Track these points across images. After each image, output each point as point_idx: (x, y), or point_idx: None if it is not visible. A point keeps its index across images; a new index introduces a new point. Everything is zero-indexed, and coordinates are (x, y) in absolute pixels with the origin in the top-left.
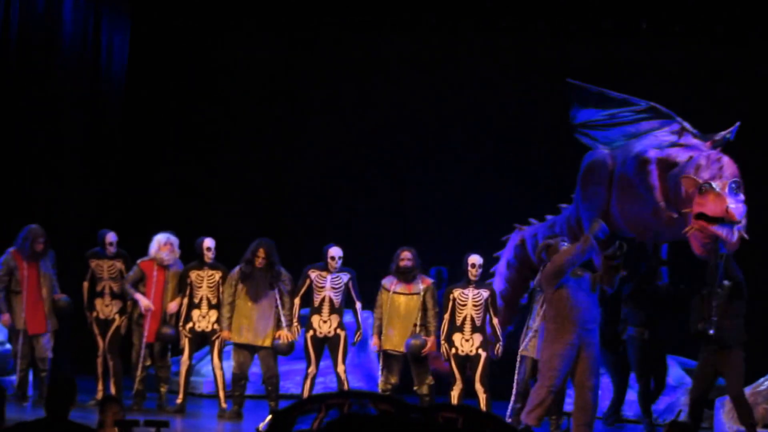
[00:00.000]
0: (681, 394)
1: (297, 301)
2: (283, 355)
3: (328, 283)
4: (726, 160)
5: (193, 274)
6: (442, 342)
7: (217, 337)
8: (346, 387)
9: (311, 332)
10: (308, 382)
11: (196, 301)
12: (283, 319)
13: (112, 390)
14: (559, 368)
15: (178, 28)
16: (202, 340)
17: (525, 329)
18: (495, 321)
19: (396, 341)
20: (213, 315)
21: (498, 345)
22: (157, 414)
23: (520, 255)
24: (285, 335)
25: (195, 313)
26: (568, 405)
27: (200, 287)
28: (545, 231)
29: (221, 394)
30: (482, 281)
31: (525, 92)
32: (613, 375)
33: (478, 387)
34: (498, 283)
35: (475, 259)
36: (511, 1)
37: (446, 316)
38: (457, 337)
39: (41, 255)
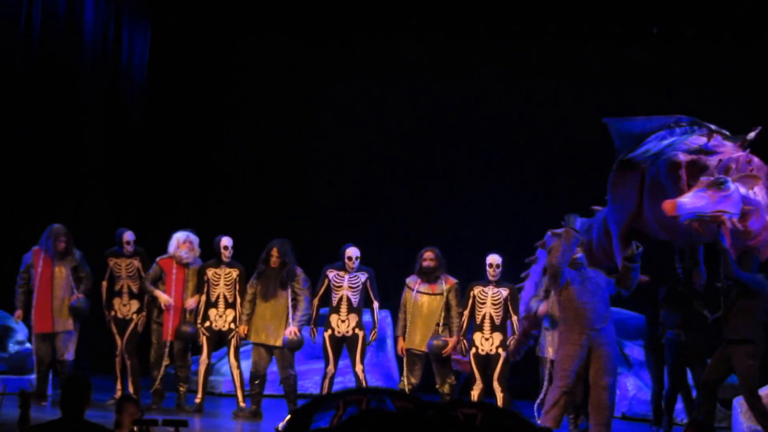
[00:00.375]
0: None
1: (315, 301)
2: (295, 350)
3: (346, 283)
4: (756, 162)
5: (210, 272)
6: (462, 339)
7: (233, 336)
8: (364, 386)
9: (329, 331)
10: (327, 381)
11: (213, 299)
12: (290, 318)
13: (131, 389)
14: (570, 369)
15: (197, 29)
16: (219, 339)
17: (541, 330)
18: (514, 318)
19: (418, 341)
20: (230, 314)
21: (511, 340)
22: (176, 413)
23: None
24: (291, 331)
25: (212, 312)
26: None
27: (217, 285)
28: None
29: (239, 393)
30: (502, 280)
31: (540, 95)
32: (654, 380)
33: (496, 386)
34: (529, 288)
35: (493, 258)
36: (523, 6)
37: (466, 313)
38: (477, 336)
39: (64, 254)
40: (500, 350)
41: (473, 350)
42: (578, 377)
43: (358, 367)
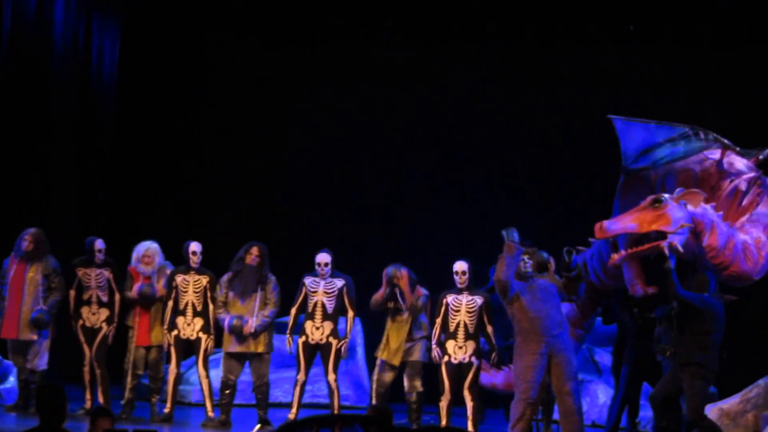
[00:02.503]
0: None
1: (293, 310)
2: (234, 333)
3: (321, 288)
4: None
5: (179, 279)
6: (434, 346)
7: (206, 348)
8: (336, 396)
9: (303, 338)
10: (297, 388)
11: (181, 307)
12: (254, 319)
13: (100, 399)
14: (532, 380)
15: (168, 30)
16: (188, 348)
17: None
18: (489, 329)
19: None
20: (198, 323)
21: (494, 354)
22: (148, 424)
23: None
24: (250, 325)
25: (180, 320)
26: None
27: (186, 292)
28: (606, 248)
29: (208, 402)
30: (475, 288)
31: (518, 97)
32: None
33: (467, 394)
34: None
35: (459, 266)
36: (497, 9)
37: (438, 321)
38: (450, 344)
39: (32, 257)
40: (473, 359)
41: (445, 358)
42: (541, 387)
43: (331, 377)
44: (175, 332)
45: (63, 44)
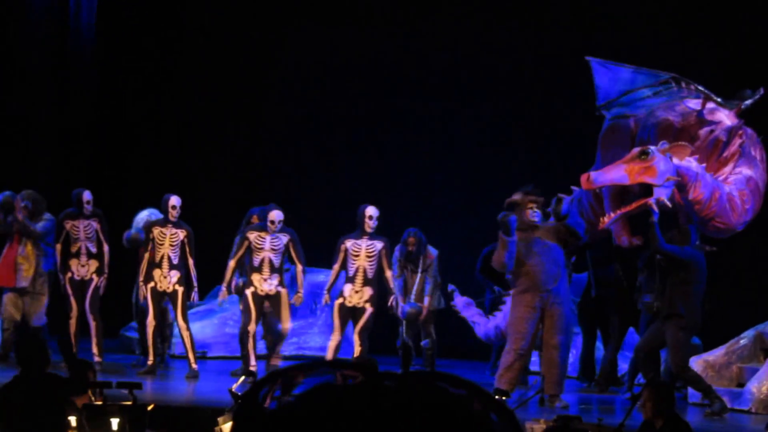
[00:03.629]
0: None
1: (232, 263)
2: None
3: (268, 245)
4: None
5: (156, 231)
6: (326, 292)
7: (183, 300)
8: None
9: (252, 289)
10: (250, 339)
11: (157, 259)
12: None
13: (94, 350)
14: (524, 331)
15: None
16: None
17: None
18: (388, 273)
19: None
20: (174, 275)
21: (392, 298)
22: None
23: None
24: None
25: (156, 272)
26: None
27: (162, 245)
28: (587, 197)
29: (191, 355)
30: (377, 233)
31: (502, 42)
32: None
33: (356, 338)
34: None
35: (371, 210)
36: None
37: (336, 267)
38: (347, 288)
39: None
40: (367, 305)
41: (339, 300)
42: (533, 339)
43: (285, 325)
44: (151, 284)
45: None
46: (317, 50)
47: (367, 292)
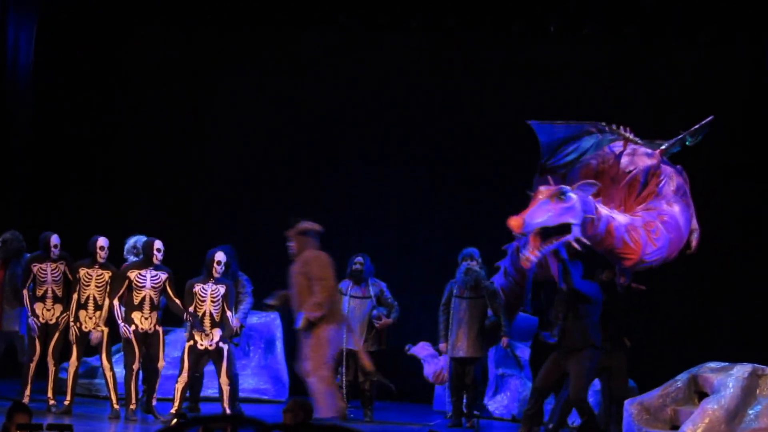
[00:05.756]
0: (595, 396)
1: (115, 302)
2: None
3: (149, 283)
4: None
5: (83, 272)
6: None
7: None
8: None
9: (133, 327)
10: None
11: (83, 300)
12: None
13: (50, 393)
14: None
15: (85, 22)
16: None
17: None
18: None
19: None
20: (98, 316)
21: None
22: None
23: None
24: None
25: (82, 313)
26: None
27: (88, 286)
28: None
29: (113, 395)
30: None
31: (440, 90)
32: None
33: (224, 379)
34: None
35: (220, 255)
36: (422, 2)
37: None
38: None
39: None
40: (221, 344)
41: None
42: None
43: (161, 364)
44: (77, 325)
45: None
46: (257, 88)
47: (217, 333)
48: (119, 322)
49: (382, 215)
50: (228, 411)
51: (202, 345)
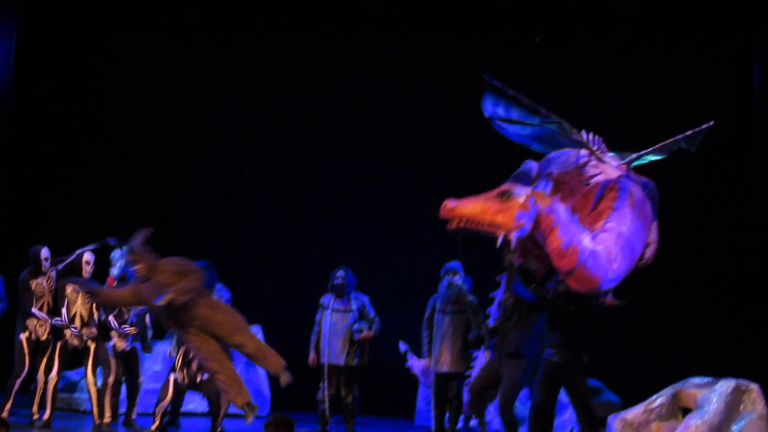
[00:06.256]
0: (571, 412)
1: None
2: None
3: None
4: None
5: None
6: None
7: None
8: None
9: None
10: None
11: (70, 315)
12: None
13: (35, 408)
14: None
15: (63, 34)
16: (73, 357)
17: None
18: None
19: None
20: (85, 331)
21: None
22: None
23: None
24: None
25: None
26: None
27: (75, 303)
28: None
29: (95, 410)
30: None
31: (423, 102)
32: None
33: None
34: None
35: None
36: (405, 12)
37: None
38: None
39: None
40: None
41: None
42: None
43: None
44: (60, 341)
45: None
46: (237, 99)
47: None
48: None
49: (363, 228)
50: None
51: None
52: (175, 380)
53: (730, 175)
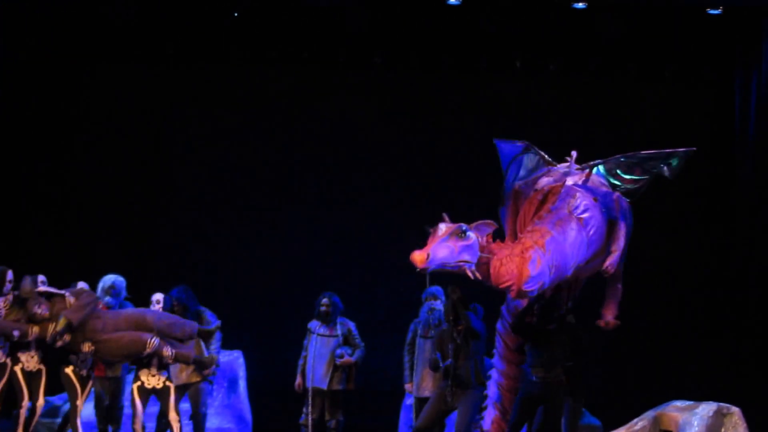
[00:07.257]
0: None
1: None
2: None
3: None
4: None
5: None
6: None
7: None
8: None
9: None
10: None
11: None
12: None
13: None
14: None
15: (44, 62)
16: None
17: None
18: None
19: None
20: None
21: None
22: None
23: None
24: None
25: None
26: None
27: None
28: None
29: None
30: None
31: (403, 128)
32: None
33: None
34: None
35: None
36: (384, 38)
37: None
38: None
39: None
40: (168, 382)
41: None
42: None
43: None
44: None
45: None
46: (217, 126)
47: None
48: None
49: (345, 254)
50: None
51: (149, 384)
52: (139, 388)
53: (711, 199)
